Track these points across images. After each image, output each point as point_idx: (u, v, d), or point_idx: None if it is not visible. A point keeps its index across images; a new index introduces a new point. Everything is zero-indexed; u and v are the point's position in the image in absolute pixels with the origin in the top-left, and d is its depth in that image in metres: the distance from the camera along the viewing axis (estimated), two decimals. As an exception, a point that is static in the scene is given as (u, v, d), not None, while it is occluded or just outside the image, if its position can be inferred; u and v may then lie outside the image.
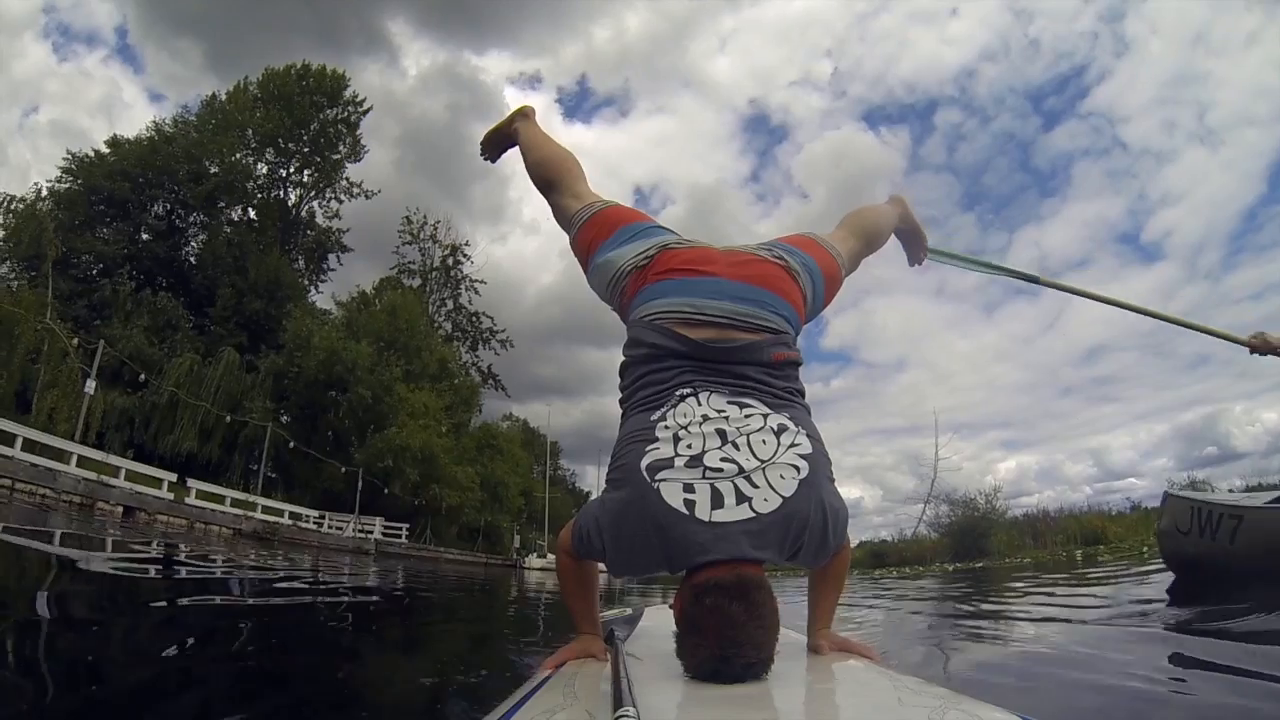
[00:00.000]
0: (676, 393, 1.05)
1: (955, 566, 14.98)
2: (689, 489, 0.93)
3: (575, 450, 62.05)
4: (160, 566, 4.59)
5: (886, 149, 78.15)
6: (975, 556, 17.00)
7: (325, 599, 4.39)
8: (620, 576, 1.27)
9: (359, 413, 24.72)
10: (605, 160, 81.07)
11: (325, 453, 24.01)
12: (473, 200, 61.29)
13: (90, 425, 15.50)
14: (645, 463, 0.97)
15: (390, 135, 54.30)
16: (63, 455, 12.59)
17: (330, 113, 32.80)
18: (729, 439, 0.98)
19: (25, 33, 40.55)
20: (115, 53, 53.04)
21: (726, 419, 1.00)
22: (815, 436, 1.06)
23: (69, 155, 25.92)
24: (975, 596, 4.75)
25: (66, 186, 25.49)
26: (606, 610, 1.86)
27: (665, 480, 0.95)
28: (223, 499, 17.40)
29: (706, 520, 0.91)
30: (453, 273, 38.16)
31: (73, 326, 18.39)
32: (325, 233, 33.51)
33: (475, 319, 38.15)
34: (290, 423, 24.44)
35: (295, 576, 5.03)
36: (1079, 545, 14.51)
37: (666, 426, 1.01)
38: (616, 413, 1.18)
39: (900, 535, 23.44)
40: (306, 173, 32.98)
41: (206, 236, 28.49)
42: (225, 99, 30.50)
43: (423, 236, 37.87)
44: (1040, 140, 68.30)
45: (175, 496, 15.32)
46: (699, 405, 1.03)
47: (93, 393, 15.01)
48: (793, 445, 1.00)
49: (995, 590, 4.82)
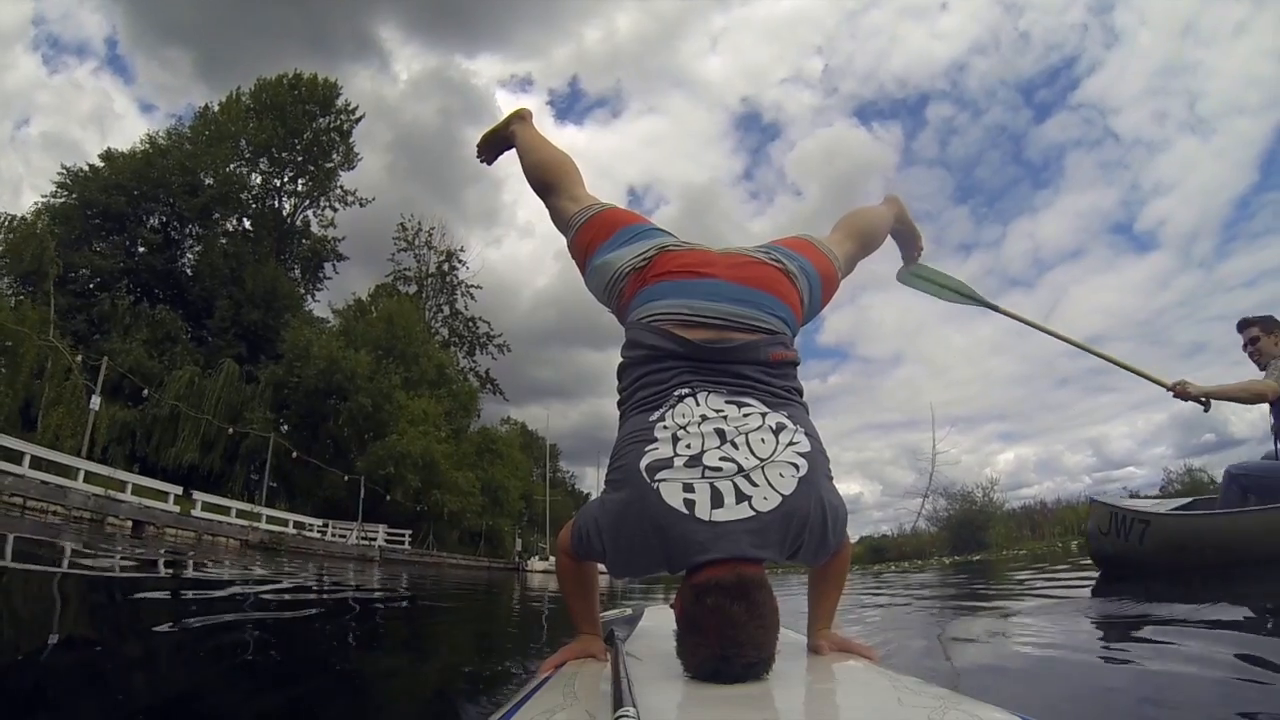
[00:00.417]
0: (675, 393, 1.06)
1: (952, 560, 15.19)
2: (688, 488, 0.93)
3: (574, 452, 62.35)
4: (171, 573, 4.75)
5: (879, 144, 78.53)
6: (973, 549, 17.25)
7: (332, 602, 4.50)
8: (620, 577, 1.26)
9: (359, 421, 24.86)
10: (598, 161, 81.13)
11: (326, 461, 24.11)
12: (466, 204, 61.36)
13: (95, 441, 15.60)
14: (644, 463, 0.97)
15: (382, 141, 54.24)
16: (68, 471, 12.71)
17: (323, 121, 32.90)
18: (728, 438, 0.98)
19: (15, 45, 40.49)
20: (105, 63, 53.39)
21: (725, 418, 1.01)
22: (813, 435, 1.06)
23: (64, 170, 25.98)
24: (972, 592, 4.88)
25: (61, 201, 25.54)
26: (606, 610, 1.86)
27: (665, 480, 0.95)
28: (228, 510, 17.50)
29: (706, 520, 0.91)
30: (448, 278, 38.34)
31: (72, 341, 18.52)
32: (320, 241, 33.58)
33: (472, 324, 38.32)
34: (290, 432, 24.54)
35: (304, 588, 5.16)
36: (1076, 536, 14.69)
37: (665, 427, 1.01)
38: (615, 414, 1.18)
39: (900, 530, 23.75)
40: (300, 182, 33.06)
41: (202, 248, 28.50)
42: (218, 110, 30.54)
43: (418, 243, 38.04)
44: (1032, 132, 68.84)
45: (182, 509, 15.42)
46: (697, 405, 1.03)
47: (97, 409, 15.11)
48: (791, 443, 1.00)
49: (993, 584, 4.99)
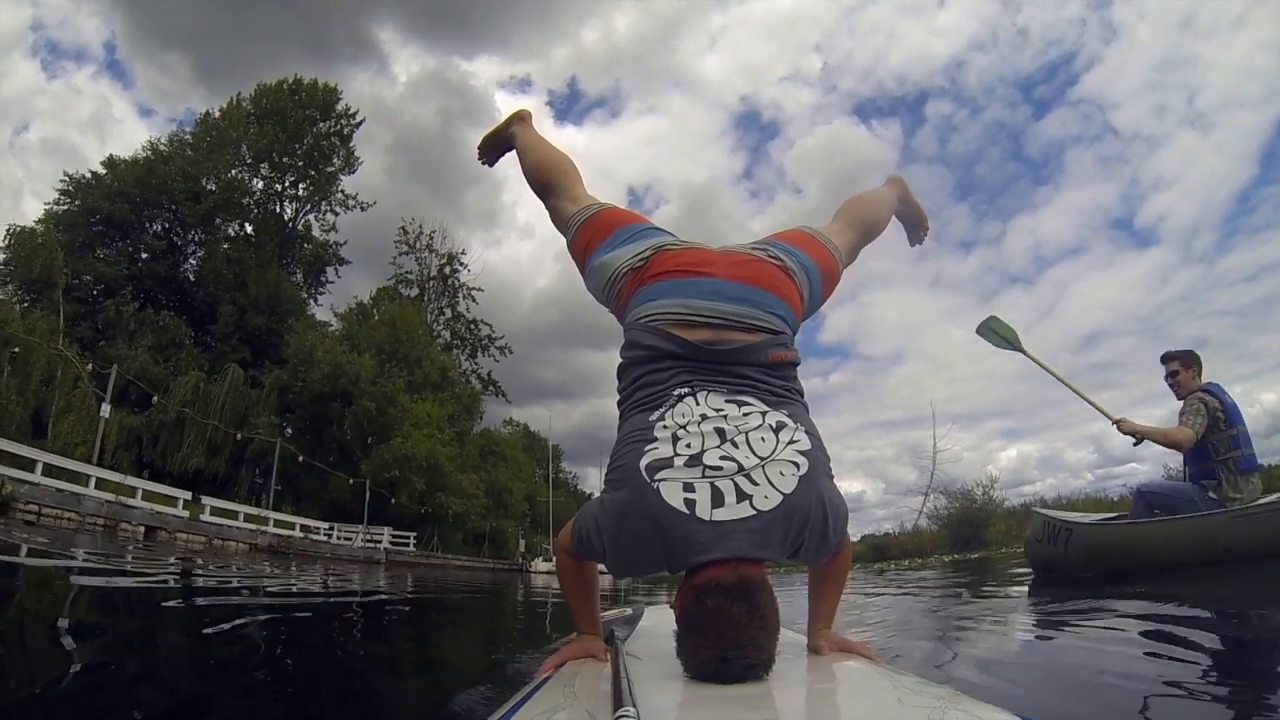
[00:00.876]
0: (674, 393, 1.06)
1: (951, 558, 15.34)
2: (689, 488, 0.93)
3: (576, 453, 62.54)
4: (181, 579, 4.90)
5: (878, 142, 78.81)
6: (974, 547, 17.39)
7: (340, 605, 4.61)
8: (621, 577, 1.25)
9: (364, 424, 25.04)
10: (597, 161, 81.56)
11: (331, 464, 24.29)
12: (466, 205, 61.59)
13: (105, 448, 15.78)
14: (644, 463, 0.97)
15: (382, 143, 54.56)
16: (79, 478, 12.88)
17: (323, 126, 33.02)
18: (728, 437, 0.98)
19: (14, 50, 40.63)
20: (104, 68, 53.53)
21: (725, 417, 1.01)
22: (814, 433, 1.06)
23: (66, 177, 26.18)
24: (968, 590, 5.00)
25: (65, 208, 25.72)
26: (607, 610, 1.89)
27: (665, 480, 0.94)
28: (235, 514, 17.69)
29: (707, 519, 0.91)
30: (450, 281, 38.46)
31: (78, 348, 18.68)
32: (322, 246, 33.74)
33: (474, 326, 38.45)
34: (295, 436, 24.70)
35: (311, 592, 5.27)
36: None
37: (665, 426, 1.01)
38: (616, 414, 1.18)
39: (901, 528, 23.90)
40: (302, 187, 33.20)
41: (205, 254, 28.69)
42: (219, 116, 30.68)
43: (419, 246, 38.16)
44: (1031, 129, 69.07)
45: (191, 514, 15.61)
46: (697, 404, 1.03)
47: (107, 416, 15.29)
48: (792, 442, 1.00)
49: (990, 583, 5.14)
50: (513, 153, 1.71)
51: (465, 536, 30.76)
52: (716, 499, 0.92)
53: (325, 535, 21.54)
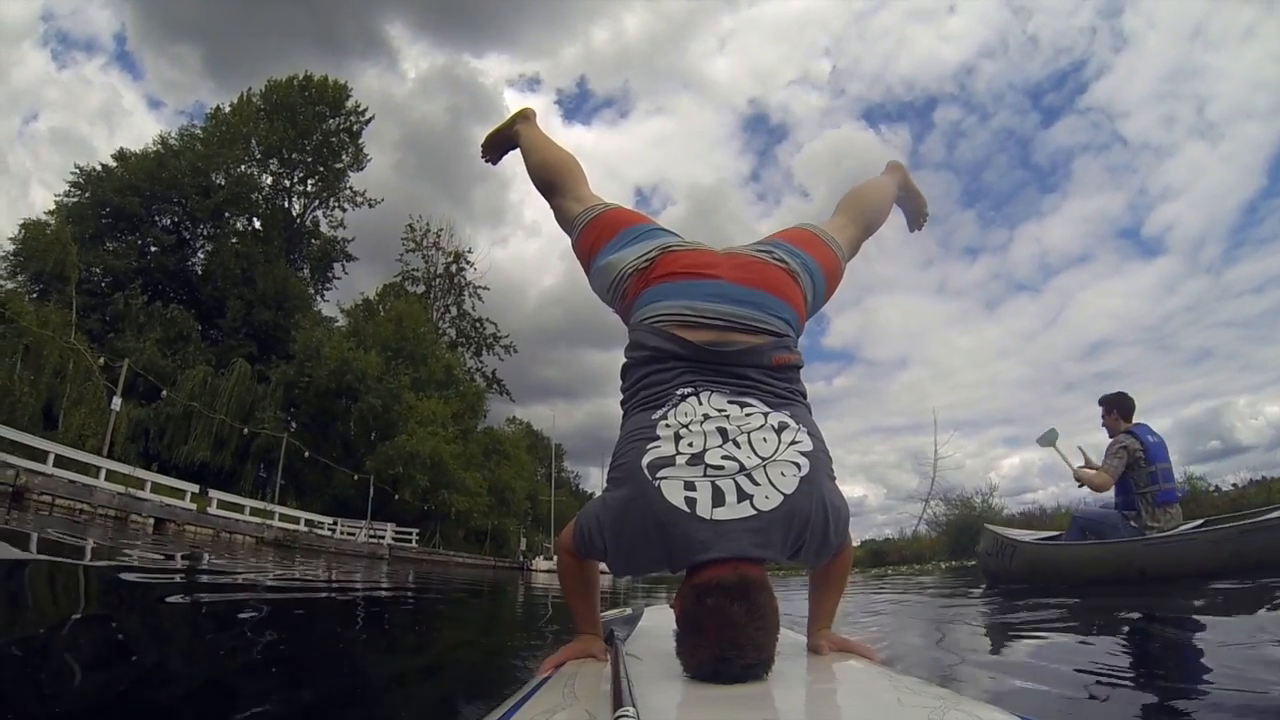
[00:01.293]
0: (677, 392, 1.06)
1: (949, 564, 15.44)
2: (690, 487, 0.93)
3: (579, 452, 62.57)
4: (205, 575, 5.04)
5: (886, 147, 78.69)
6: (972, 555, 17.47)
7: (346, 599, 4.67)
8: (621, 576, 1.25)
9: (369, 421, 25.22)
10: (605, 161, 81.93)
11: (335, 460, 24.47)
12: (473, 203, 61.91)
13: (115, 441, 15.98)
14: (646, 461, 0.97)
15: (390, 139, 54.83)
16: (89, 469, 13.07)
17: (333, 122, 33.24)
18: (730, 437, 0.98)
19: (24, 40, 40.89)
20: (114, 59, 53.59)
21: (727, 417, 1.01)
22: (816, 434, 1.06)
23: (77, 169, 26.39)
24: (965, 595, 5.13)
25: (75, 200, 25.95)
26: (607, 610, 1.88)
27: (666, 478, 0.95)
28: (242, 508, 17.86)
29: (708, 518, 0.91)
30: (456, 279, 38.69)
31: (87, 339, 18.87)
32: (330, 242, 33.95)
33: (479, 325, 38.66)
34: (300, 431, 24.86)
35: (314, 586, 5.23)
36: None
37: (667, 425, 1.01)
38: (619, 414, 1.19)
39: (901, 534, 24.00)
40: (310, 182, 33.42)
41: (214, 248, 28.88)
42: (230, 111, 30.90)
43: (426, 244, 38.36)
44: (1040, 136, 68.94)
45: (198, 507, 15.79)
46: (700, 404, 1.03)
47: (118, 410, 15.48)
48: (793, 443, 1.00)
49: (987, 589, 5.27)
50: (517, 151, 1.72)
51: (467, 534, 30.91)
52: (717, 498, 0.92)
53: (329, 530, 21.72)
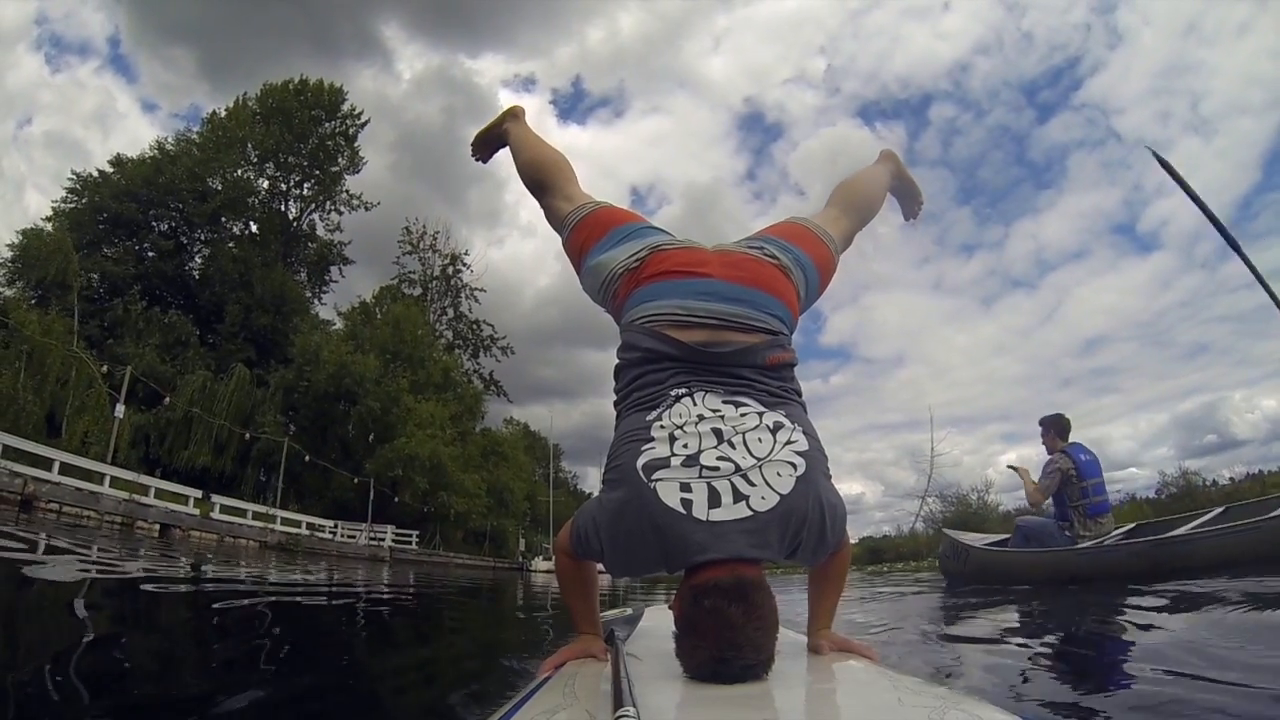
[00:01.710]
0: (671, 393, 1.06)
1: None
2: (685, 488, 0.93)
3: (576, 452, 62.61)
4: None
5: (882, 144, 76.28)
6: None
7: (347, 602, 4.79)
8: (619, 576, 1.26)
9: (368, 424, 25.33)
10: (601, 161, 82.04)
11: (334, 463, 24.59)
12: (469, 204, 61.82)
13: (119, 448, 16.09)
14: (641, 462, 0.97)
15: (386, 140, 54.78)
16: (94, 477, 13.17)
17: (329, 126, 33.23)
18: (725, 437, 0.98)
19: (18, 44, 40.67)
20: (108, 63, 53.55)
21: (722, 418, 1.00)
22: (811, 433, 1.05)
23: (74, 175, 26.42)
24: (958, 593, 5.32)
25: (72, 206, 25.97)
26: (606, 610, 1.84)
27: (662, 480, 0.94)
28: (244, 513, 17.98)
29: (704, 519, 0.91)
30: (453, 281, 38.73)
31: (86, 345, 18.94)
32: (327, 245, 33.99)
33: (476, 327, 38.74)
34: (299, 434, 24.95)
35: (318, 590, 5.36)
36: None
37: (662, 426, 1.01)
38: (615, 413, 1.19)
39: (899, 531, 24.28)
40: (306, 186, 33.40)
41: (211, 253, 28.91)
42: (225, 115, 30.92)
43: (422, 246, 38.41)
44: (1035, 133, 69.92)
45: (201, 512, 15.91)
46: (694, 405, 1.03)
47: (122, 417, 15.60)
48: (789, 443, 1.00)
49: (980, 586, 5.46)
50: (508, 150, 1.70)
51: (466, 535, 31.08)
52: (713, 499, 0.92)
53: (331, 533, 21.84)
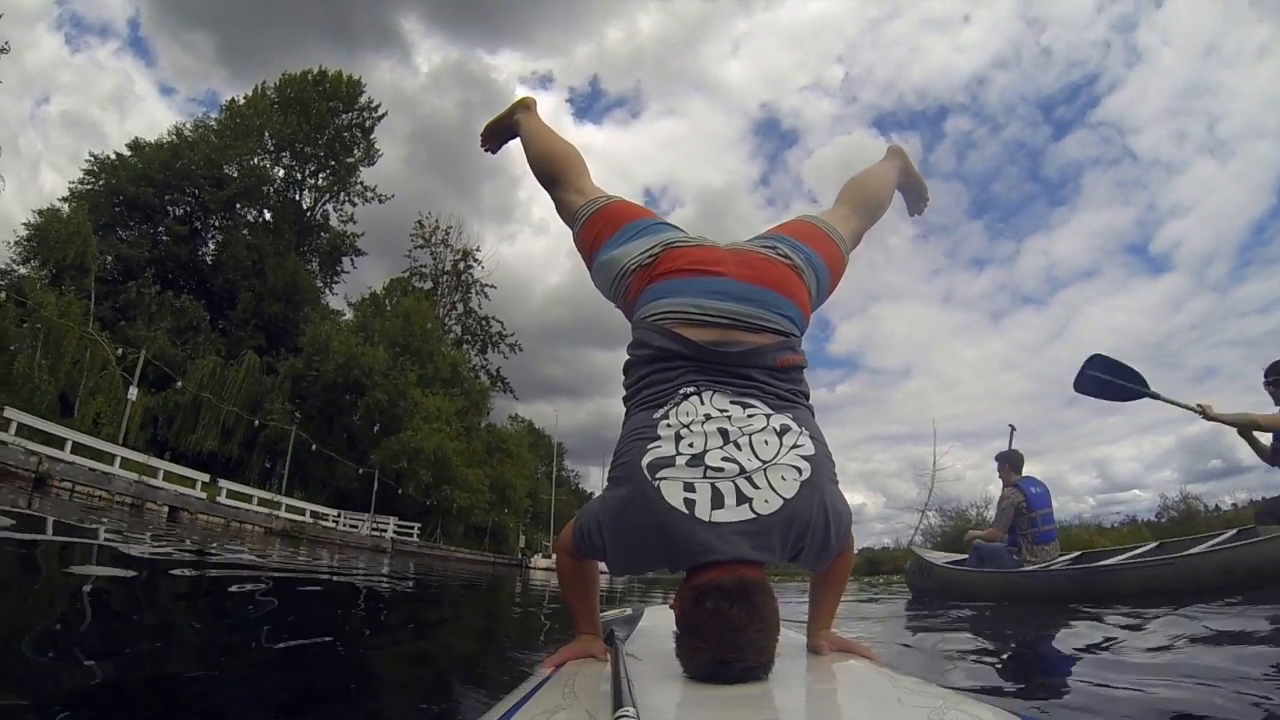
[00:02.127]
0: (680, 391, 1.05)
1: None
2: (689, 488, 0.93)
3: (579, 451, 62.47)
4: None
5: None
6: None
7: (351, 591, 4.80)
8: (620, 575, 1.25)
9: (374, 415, 25.48)
10: (615, 161, 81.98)
11: (339, 453, 24.74)
12: (482, 199, 61.78)
13: (130, 430, 16.26)
14: (646, 461, 0.97)
15: (401, 132, 55.17)
16: (103, 456, 13.31)
17: (346, 117, 33.45)
18: (731, 439, 0.98)
19: (38, 24, 40.79)
20: (127, 45, 53.45)
21: (729, 419, 1.00)
22: (818, 438, 1.05)
23: (91, 157, 26.67)
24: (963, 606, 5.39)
25: (89, 188, 26.21)
26: (607, 610, 1.88)
27: (666, 479, 0.94)
28: (250, 498, 18.14)
29: (706, 520, 0.90)
30: (463, 277, 38.84)
31: (99, 326, 19.14)
32: (339, 236, 34.19)
33: (485, 323, 38.84)
34: (306, 423, 25.14)
35: (320, 579, 5.35)
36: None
37: (669, 425, 1.00)
38: (620, 414, 1.18)
39: (898, 543, 24.24)
40: (321, 176, 33.63)
41: (225, 239, 29.12)
42: (244, 103, 31.15)
43: (435, 240, 38.55)
44: (1050, 149, 69.37)
45: (208, 496, 16.07)
46: (702, 404, 1.02)
47: (134, 399, 15.76)
48: (795, 446, 0.99)
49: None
50: (517, 141, 1.68)
51: (467, 530, 31.20)
52: (716, 500, 0.92)
53: (334, 522, 21.99)
